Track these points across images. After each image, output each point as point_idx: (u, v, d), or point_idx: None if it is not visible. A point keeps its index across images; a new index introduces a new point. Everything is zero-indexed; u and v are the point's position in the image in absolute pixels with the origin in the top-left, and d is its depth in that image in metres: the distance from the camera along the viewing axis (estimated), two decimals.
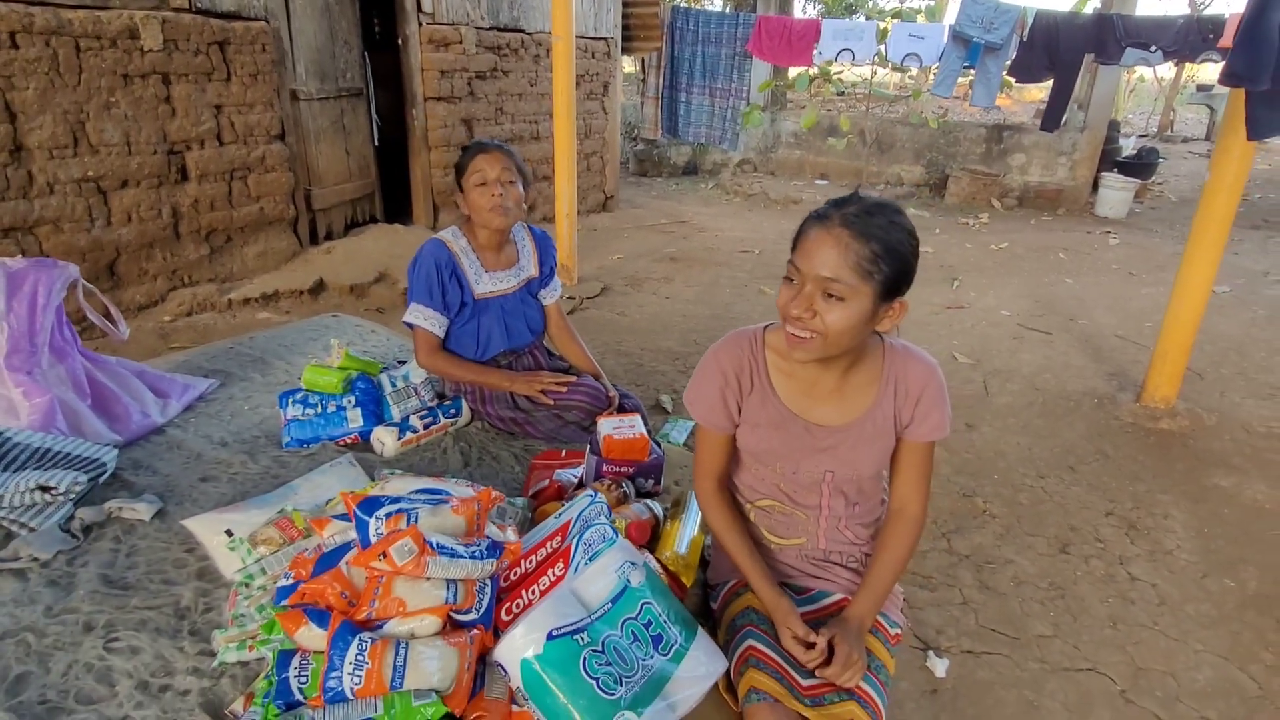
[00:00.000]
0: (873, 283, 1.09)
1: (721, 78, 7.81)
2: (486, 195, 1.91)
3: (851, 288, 1.08)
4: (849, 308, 1.10)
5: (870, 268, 1.08)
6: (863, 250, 1.07)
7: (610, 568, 1.15)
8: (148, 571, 1.46)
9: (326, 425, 1.91)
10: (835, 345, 1.14)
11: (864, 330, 1.14)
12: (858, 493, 1.33)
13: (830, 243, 1.09)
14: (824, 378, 1.25)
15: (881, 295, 1.11)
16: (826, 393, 1.26)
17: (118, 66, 3.44)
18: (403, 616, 1.02)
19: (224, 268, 4.10)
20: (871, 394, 1.25)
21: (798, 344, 1.15)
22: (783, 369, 1.27)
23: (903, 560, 1.30)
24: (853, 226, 1.08)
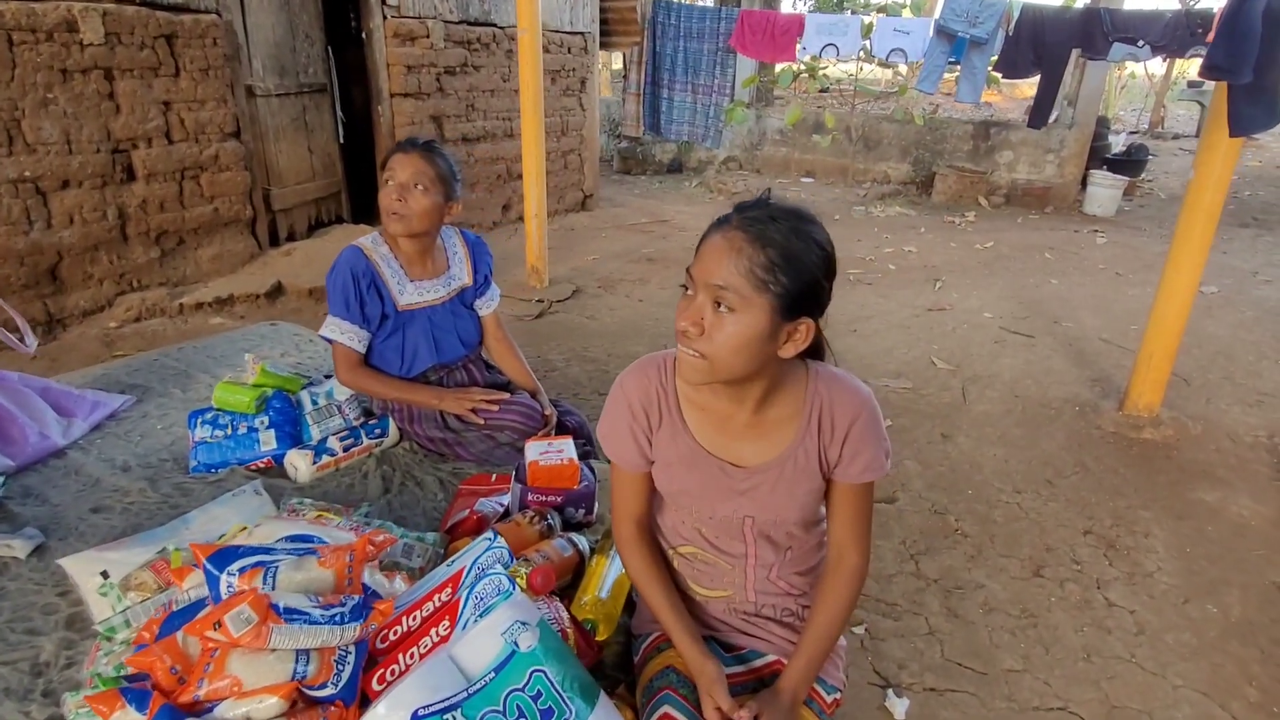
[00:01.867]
0: (768, 295, 0.95)
1: (704, 74, 7.65)
2: (388, 196, 1.77)
3: (744, 299, 0.95)
4: (740, 321, 0.96)
5: (766, 277, 0.94)
6: (757, 256, 0.94)
7: (497, 628, 1.01)
8: (11, 619, 1.32)
9: (236, 448, 1.77)
10: (725, 368, 1.00)
11: (759, 352, 0.99)
12: (787, 538, 1.18)
13: (725, 247, 0.96)
14: (737, 410, 1.10)
15: (781, 312, 0.96)
16: (741, 427, 1.11)
17: (55, 61, 3.28)
18: (238, 698, 0.88)
19: (175, 271, 3.94)
20: (792, 430, 1.11)
21: (685, 364, 1.02)
22: (694, 401, 1.13)
23: (841, 618, 1.15)
24: (750, 230, 0.95)
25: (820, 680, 1.18)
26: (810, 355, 1.13)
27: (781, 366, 1.07)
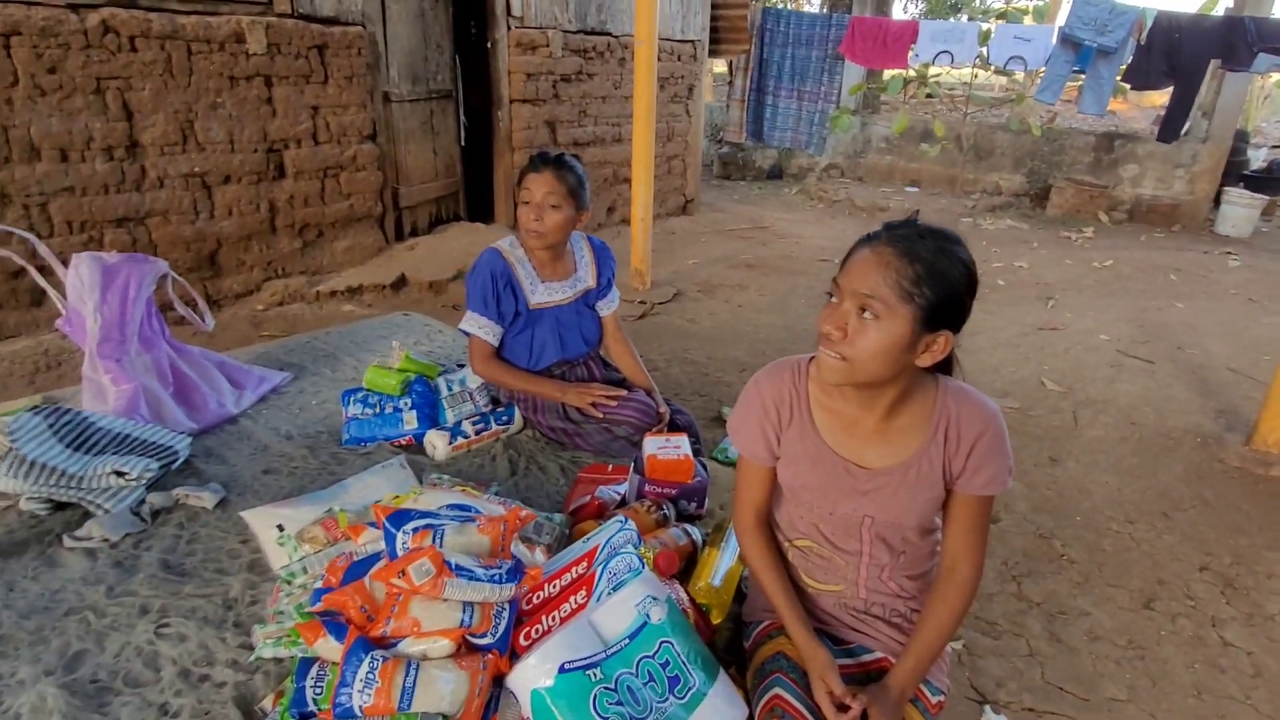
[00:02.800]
0: (912, 306, 1.02)
1: (811, 80, 7.63)
2: (526, 215, 1.92)
3: (889, 307, 1.02)
4: (883, 329, 1.03)
5: (911, 289, 1.01)
6: (905, 270, 1.01)
7: (631, 601, 1.12)
8: (204, 560, 1.54)
9: (383, 425, 1.96)
10: (864, 370, 1.07)
11: (898, 359, 1.06)
12: (902, 542, 1.24)
13: (874, 260, 1.04)
14: (866, 415, 1.17)
15: (922, 322, 1.03)
16: (869, 432, 1.18)
17: (224, 69, 3.66)
18: (417, 636, 1.03)
19: (314, 261, 4.30)
20: (919, 438, 1.17)
21: (825, 365, 1.09)
22: (824, 404, 1.21)
23: (951, 625, 1.20)
24: (899, 245, 1.03)
25: (926, 682, 1.24)
26: (940, 369, 1.18)
27: (913, 377, 1.13)
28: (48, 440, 1.65)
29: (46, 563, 1.50)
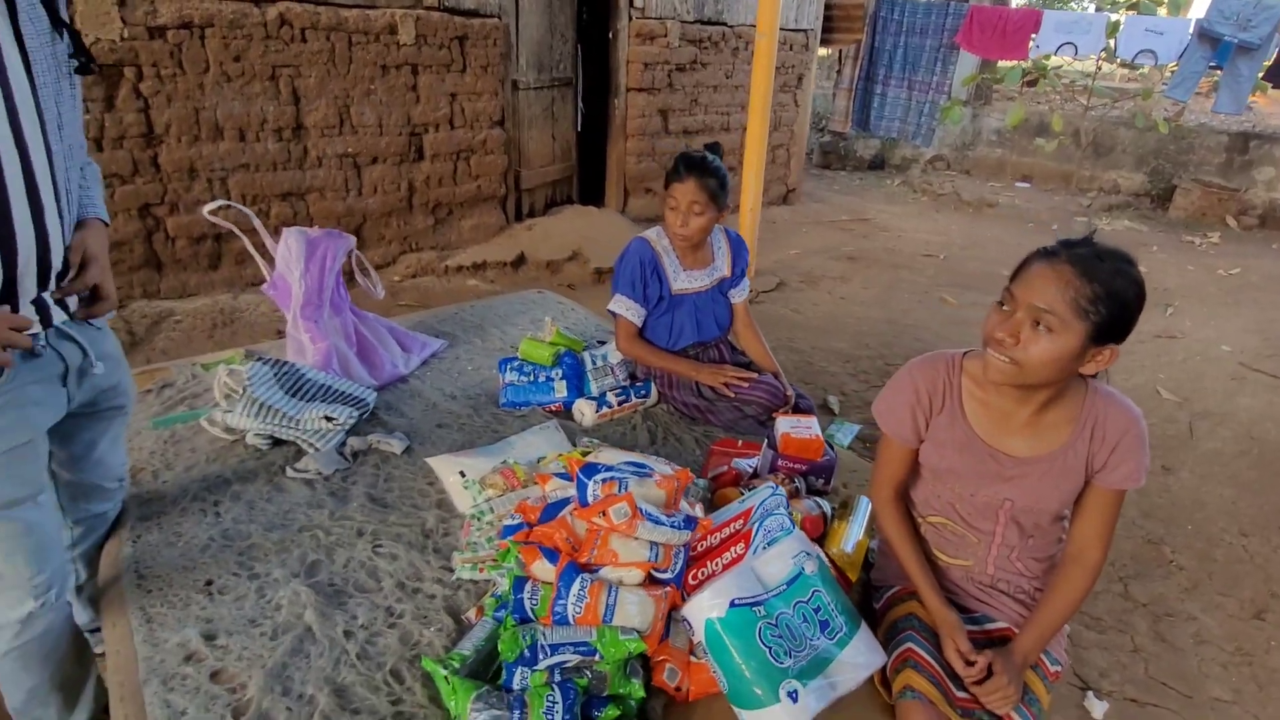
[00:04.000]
0: (1087, 322, 1.12)
1: (923, 70, 7.49)
2: (674, 219, 2.09)
3: (1063, 322, 1.12)
4: (1056, 341, 1.13)
5: (1088, 307, 1.11)
6: (1083, 289, 1.11)
7: (788, 554, 1.30)
8: (401, 495, 1.81)
9: (537, 392, 2.20)
10: (1032, 375, 1.18)
11: (1067, 368, 1.17)
12: (1034, 527, 1.36)
13: (1052, 276, 1.13)
14: (1019, 410, 1.29)
15: (1093, 337, 1.13)
16: (1019, 424, 1.30)
17: (378, 58, 3.99)
18: (615, 566, 1.24)
19: (443, 237, 4.64)
20: (1066, 433, 1.28)
21: (994, 366, 1.20)
22: (977, 396, 1.33)
23: (1074, 604, 1.32)
24: (1078, 265, 1.12)
25: (1046, 652, 1.37)
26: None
27: (1069, 378, 1.25)
28: (273, 386, 1.96)
29: (275, 488, 1.80)
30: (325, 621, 1.39)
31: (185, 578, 1.50)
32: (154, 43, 3.30)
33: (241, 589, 1.48)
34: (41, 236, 1.12)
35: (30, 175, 1.08)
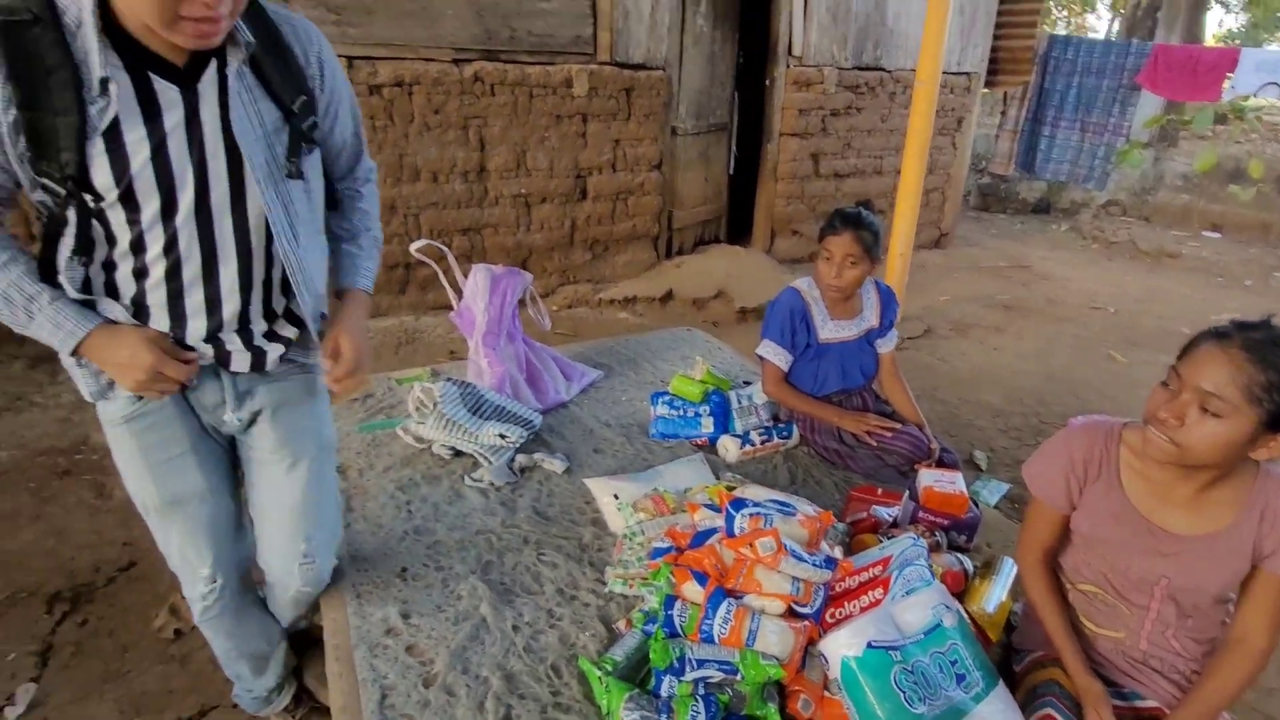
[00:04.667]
0: (1259, 410, 1.09)
1: (1098, 111, 7.08)
2: (827, 271, 2.18)
3: (1233, 408, 1.10)
4: (1223, 426, 1.11)
5: (1261, 395, 1.08)
6: (1257, 375, 1.08)
7: (927, 604, 1.35)
8: (561, 511, 2.01)
9: (685, 426, 2.36)
10: (1195, 458, 1.16)
11: (1234, 454, 1.15)
12: (1193, 607, 1.32)
13: (1224, 360, 1.10)
14: (1180, 486, 1.26)
15: (1267, 425, 1.11)
16: (1180, 500, 1.28)
17: (554, 109, 4.38)
18: (758, 595, 1.35)
19: (598, 272, 4.96)
20: (1232, 513, 1.25)
21: (1155, 445, 1.19)
22: (1135, 468, 1.32)
23: (1234, 691, 1.27)
24: (1254, 351, 1.09)
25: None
26: None
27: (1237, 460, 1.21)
28: (458, 404, 2.24)
29: (456, 494, 2.06)
30: (497, 615, 1.60)
31: (385, 563, 1.76)
32: (372, 98, 3.84)
33: (429, 578, 1.72)
34: (245, 301, 1.23)
35: (246, 255, 1.19)
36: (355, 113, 1.38)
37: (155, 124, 1.04)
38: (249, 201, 1.15)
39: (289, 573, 1.48)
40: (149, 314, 1.17)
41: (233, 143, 1.10)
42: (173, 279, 1.14)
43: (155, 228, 1.09)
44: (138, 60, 1.02)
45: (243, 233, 1.16)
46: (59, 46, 0.96)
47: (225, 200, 1.12)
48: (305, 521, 1.45)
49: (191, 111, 1.06)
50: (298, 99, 1.17)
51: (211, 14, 0.95)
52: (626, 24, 4.46)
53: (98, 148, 1.01)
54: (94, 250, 1.09)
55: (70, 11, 0.97)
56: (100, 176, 1.02)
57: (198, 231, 1.12)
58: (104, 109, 0.99)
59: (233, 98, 1.09)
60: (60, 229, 1.08)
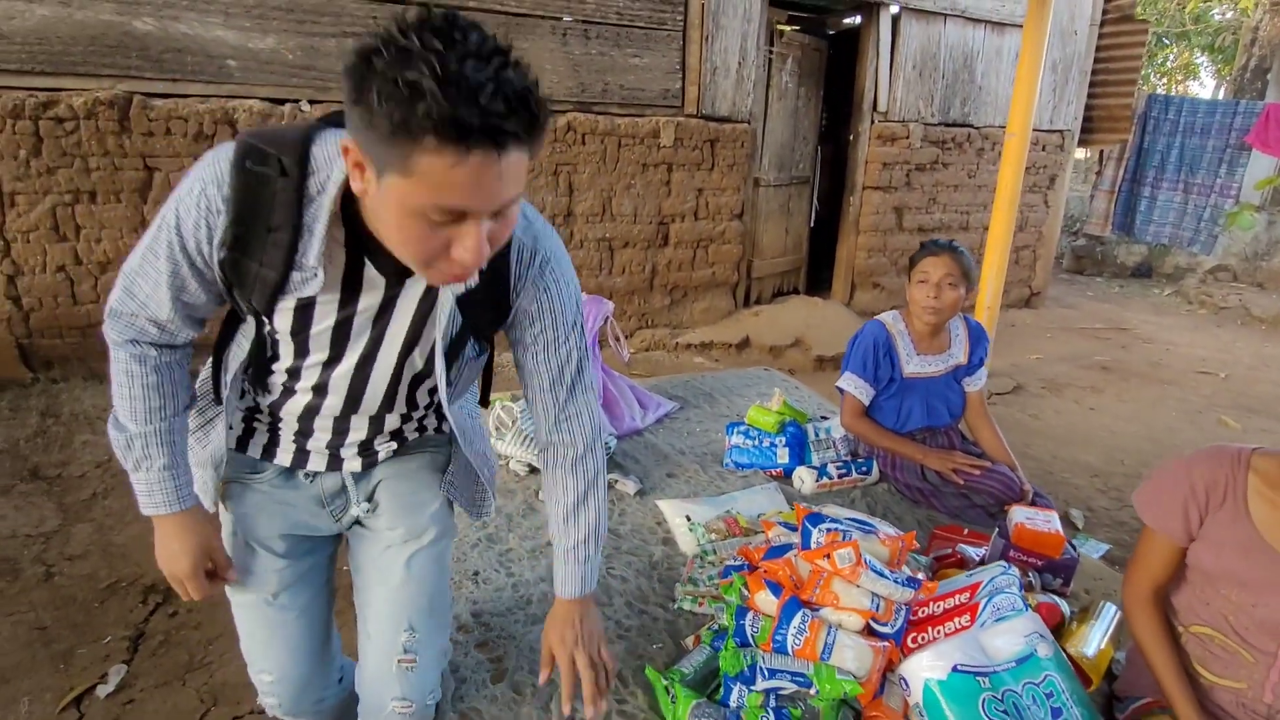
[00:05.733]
0: None
1: (1203, 172, 6.78)
2: (924, 294, 2.13)
3: None
4: None
5: None
6: None
7: (1020, 631, 1.27)
8: (633, 529, 2.00)
9: (760, 456, 2.32)
10: None
11: None
12: None
13: None
14: None
15: None
16: None
17: (640, 158, 4.54)
18: (835, 609, 1.30)
19: (676, 317, 5.01)
20: None
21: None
22: (1266, 496, 1.22)
23: None
24: None
25: None
26: None
27: None
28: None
29: (529, 508, 2.08)
30: None
31: (457, 566, 1.79)
32: None
33: (500, 582, 1.73)
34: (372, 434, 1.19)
35: (390, 402, 1.15)
36: (577, 349, 1.16)
37: (350, 303, 1.01)
38: (406, 367, 1.11)
39: (385, 674, 1.21)
40: (281, 420, 1.17)
41: (416, 332, 1.07)
42: (314, 407, 1.14)
43: (315, 369, 1.08)
44: (358, 242, 0.96)
45: (392, 388, 1.13)
46: (292, 207, 0.92)
47: (390, 364, 1.10)
48: (409, 608, 1.23)
49: (389, 300, 1.02)
50: (488, 318, 1.09)
51: (467, 273, 0.89)
52: (714, 79, 4.62)
53: (288, 303, 0.98)
54: (259, 356, 1.08)
55: (319, 175, 0.92)
56: (280, 322, 1.01)
57: (351, 380, 1.10)
58: (307, 279, 0.95)
59: (438, 305, 1.04)
60: (236, 329, 1.08)
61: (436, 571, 1.28)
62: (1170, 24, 13.65)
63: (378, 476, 1.26)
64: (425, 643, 1.23)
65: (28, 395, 3.57)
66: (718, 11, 4.53)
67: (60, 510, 2.84)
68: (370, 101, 0.74)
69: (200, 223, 0.93)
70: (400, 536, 1.25)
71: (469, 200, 0.80)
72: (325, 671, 1.33)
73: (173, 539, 1.11)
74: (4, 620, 2.24)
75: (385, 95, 0.73)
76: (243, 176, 0.91)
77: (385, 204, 0.83)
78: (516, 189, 0.83)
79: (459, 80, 0.72)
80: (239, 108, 3.63)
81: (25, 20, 3.23)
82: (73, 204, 3.47)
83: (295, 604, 1.25)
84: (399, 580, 1.23)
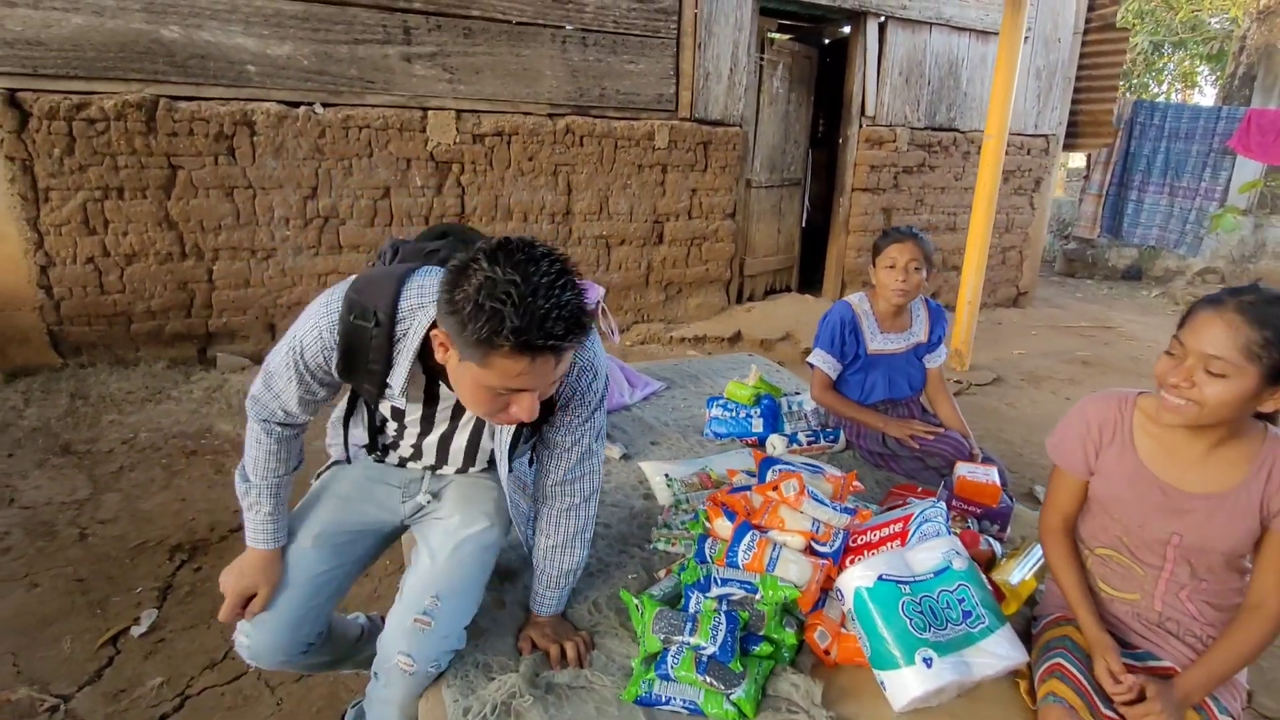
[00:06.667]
0: (1259, 365, 1.17)
1: (1188, 176, 6.97)
2: (892, 278, 2.33)
3: (1236, 367, 1.18)
4: (1230, 385, 1.19)
5: (1259, 352, 1.17)
6: (1253, 335, 1.17)
7: (938, 549, 1.46)
8: (616, 486, 2.20)
9: (737, 426, 2.52)
10: (1211, 416, 1.24)
11: (1244, 408, 1.22)
12: (1206, 569, 1.37)
13: (1220, 324, 1.19)
14: (1191, 445, 1.33)
15: (1268, 378, 1.19)
16: (1191, 459, 1.34)
17: (636, 160, 4.76)
18: (781, 530, 1.50)
19: (671, 312, 5.22)
20: (1241, 472, 1.30)
21: (1172, 409, 1.27)
22: (1148, 430, 1.39)
23: (1248, 654, 1.30)
24: (1247, 313, 1.18)
25: (1215, 699, 1.35)
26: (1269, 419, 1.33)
27: (1244, 418, 1.29)
28: None
29: None
30: None
31: None
32: (475, 146, 4.31)
33: None
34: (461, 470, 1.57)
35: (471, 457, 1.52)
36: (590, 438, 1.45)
37: (431, 408, 1.40)
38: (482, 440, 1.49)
39: (401, 629, 1.35)
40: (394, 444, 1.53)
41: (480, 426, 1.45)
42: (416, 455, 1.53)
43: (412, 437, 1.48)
44: (433, 369, 1.31)
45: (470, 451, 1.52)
46: (383, 350, 1.24)
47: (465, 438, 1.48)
48: (442, 581, 1.40)
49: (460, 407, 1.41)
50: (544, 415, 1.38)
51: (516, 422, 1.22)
52: (706, 84, 4.85)
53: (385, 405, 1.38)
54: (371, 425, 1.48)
55: (404, 323, 1.24)
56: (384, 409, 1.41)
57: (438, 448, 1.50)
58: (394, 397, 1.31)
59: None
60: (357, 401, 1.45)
61: (477, 561, 1.47)
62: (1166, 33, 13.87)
63: (451, 478, 1.57)
64: (444, 614, 1.38)
65: (58, 379, 3.81)
66: (710, 20, 4.76)
67: (91, 481, 3.06)
68: (462, 314, 1.04)
69: (318, 354, 1.27)
70: (455, 524, 1.49)
71: (530, 385, 1.12)
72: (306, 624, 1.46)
73: (249, 565, 1.39)
74: (45, 574, 2.45)
75: (474, 315, 1.03)
76: (347, 326, 1.24)
77: (461, 377, 1.16)
78: (564, 371, 1.17)
79: (532, 311, 1.01)
80: (257, 110, 3.87)
81: (61, 28, 3.49)
82: (102, 200, 3.71)
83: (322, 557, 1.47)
84: (444, 557, 1.44)
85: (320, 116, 3.99)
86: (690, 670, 1.32)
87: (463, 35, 4.17)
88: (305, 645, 1.47)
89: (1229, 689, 1.38)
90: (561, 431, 1.42)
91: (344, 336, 1.24)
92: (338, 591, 1.50)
